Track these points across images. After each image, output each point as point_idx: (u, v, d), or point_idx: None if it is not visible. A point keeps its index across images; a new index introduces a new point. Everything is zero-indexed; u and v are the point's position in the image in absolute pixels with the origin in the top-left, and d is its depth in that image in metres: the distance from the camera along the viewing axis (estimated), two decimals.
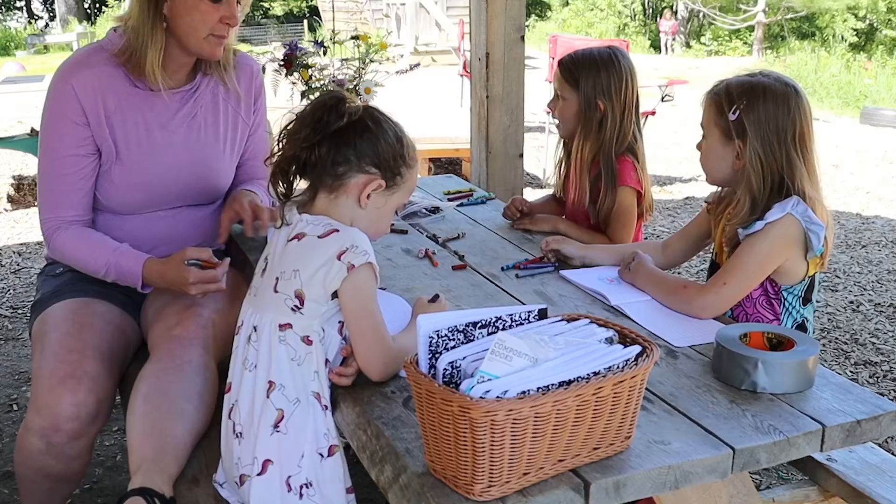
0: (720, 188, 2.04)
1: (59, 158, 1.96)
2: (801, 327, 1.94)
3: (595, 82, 2.34)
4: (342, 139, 1.52)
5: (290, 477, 1.47)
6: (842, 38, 18.83)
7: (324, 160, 1.52)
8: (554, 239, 2.18)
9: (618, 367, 1.23)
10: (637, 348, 1.28)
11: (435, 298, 1.70)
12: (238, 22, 2.01)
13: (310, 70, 2.61)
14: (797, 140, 1.84)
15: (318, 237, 1.50)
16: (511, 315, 1.37)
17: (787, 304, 1.91)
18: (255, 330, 1.53)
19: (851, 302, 4.24)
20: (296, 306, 1.49)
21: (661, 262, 2.12)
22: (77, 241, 2.00)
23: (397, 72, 2.82)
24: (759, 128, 1.83)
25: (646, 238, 5.26)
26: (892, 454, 2.19)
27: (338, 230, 1.51)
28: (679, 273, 4.27)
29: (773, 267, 1.85)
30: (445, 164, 7.26)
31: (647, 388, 1.43)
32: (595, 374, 1.21)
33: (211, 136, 2.11)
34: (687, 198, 6.34)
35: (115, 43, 1.98)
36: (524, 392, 1.14)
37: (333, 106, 1.51)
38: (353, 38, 2.70)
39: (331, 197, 1.55)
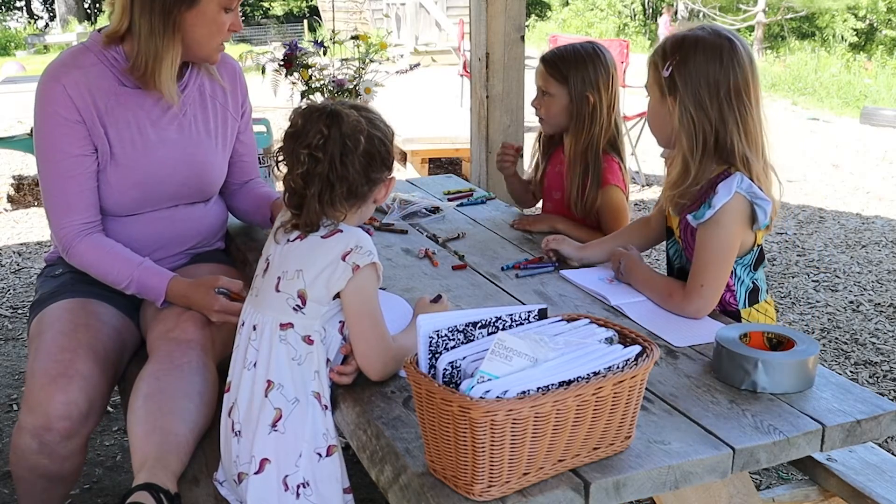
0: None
1: (63, 160, 1.94)
2: (755, 291, 1.95)
3: (584, 76, 2.35)
4: (364, 164, 1.51)
5: (287, 476, 1.47)
6: (842, 38, 18.82)
7: (353, 191, 1.51)
8: (553, 238, 2.18)
9: (618, 367, 1.23)
10: (637, 348, 1.28)
11: (437, 299, 1.70)
12: (240, 28, 2.06)
13: (310, 70, 2.61)
14: (732, 95, 1.77)
15: (322, 237, 1.50)
16: (511, 315, 1.37)
17: (738, 275, 1.91)
18: (255, 329, 1.53)
19: (851, 302, 4.24)
20: (298, 306, 1.49)
21: (646, 240, 2.14)
22: (99, 251, 1.97)
23: (397, 72, 2.82)
24: (690, 83, 1.78)
25: None
26: (892, 454, 2.19)
27: (341, 230, 1.51)
28: None
29: (737, 247, 1.84)
30: (445, 164, 7.25)
31: (647, 388, 1.43)
32: (595, 374, 1.21)
33: (202, 132, 2.11)
34: None
35: (101, 43, 1.97)
36: (524, 392, 1.14)
37: (344, 134, 1.48)
38: (353, 38, 2.69)
39: (351, 210, 1.55)
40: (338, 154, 1.48)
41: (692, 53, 1.79)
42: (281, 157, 1.53)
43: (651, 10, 25.57)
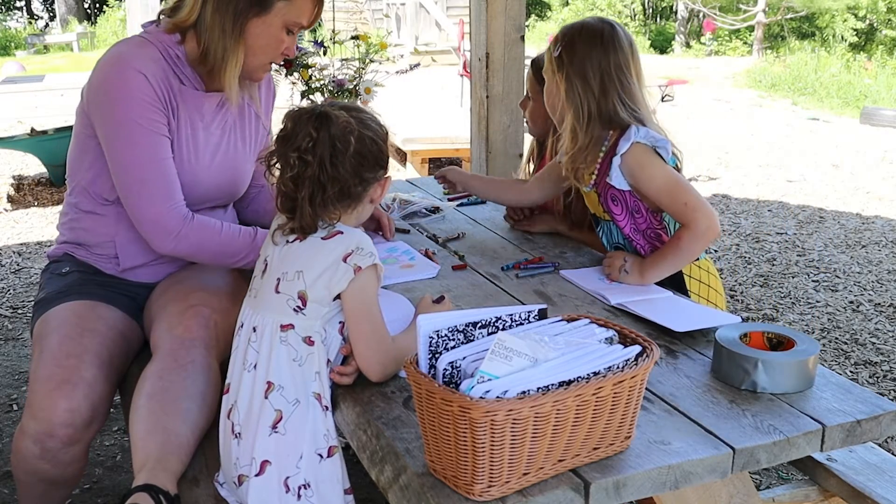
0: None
1: (159, 144, 1.91)
2: None
3: None
4: (355, 164, 1.50)
5: (288, 478, 1.47)
6: (842, 38, 18.79)
7: (344, 192, 1.51)
8: (449, 168, 2.44)
9: (618, 367, 1.23)
10: (637, 348, 1.28)
11: (440, 299, 1.69)
12: (293, 54, 2.09)
13: (310, 70, 2.61)
14: (612, 70, 2.00)
15: (322, 239, 1.50)
16: (511, 315, 1.37)
17: (670, 230, 2.05)
18: (255, 331, 1.53)
19: (851, 302, 4.24)
20: (298, 307, 1.49)
21: (517, 198, 2.39)
22: (212, 228, 1.94)
23: (397, 72, 2.81)
24: (574, 62, 2.02)
25: None
26: (892, 454, 2.19)
27: (342, 232, 1.51)
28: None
29: (674, 171, 2.01)
30: (445, 164, 7.26)
31: (647, 388, 1.43)
32: (595, 374, 1.21)
33: (239, 140, 2.12)
34: None
35: (163, 41, 1.96)
36: (524, 392, 1.14)
37: (334, 136, 1.47)
38: (353, 38, 2.69)
39: (347, 211, 1.55)
40: (327, 156, 1.47)
41: (577, 36, 2.04)
42: (273, 161, 1.53)
43: (651, 10, 25.55)
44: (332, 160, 1.48)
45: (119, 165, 1.91)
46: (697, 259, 2.10)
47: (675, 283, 2.02)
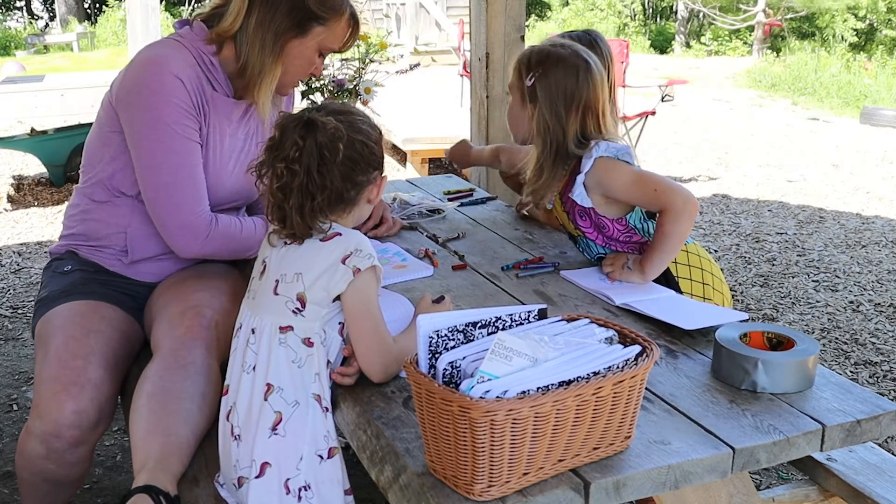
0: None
1: (188, 151, 1.92)
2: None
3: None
4: (346, 170, 1.49)
5: (288, 479, 1.47)
6: (842, 38, 18.79)
7: (337, 197, 1.50)
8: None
9: (618, 367, 1.23)
10: (637, 348, 1.28)
11: (440, 299, 1.69)
12: (320, 74, 2.16)
13: None
14: (582, 108, 2.01)
15: (321, 241, 1.50)
16: (511, 315, 1.37)
17: (639, 229, 2.07)
18: (254, 332, 1.53)
19: (851, 302, 4.24)
20: (297, 309, 1.48)
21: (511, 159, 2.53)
22: (233, 226, 1.98)
23: (397, 72, 2.82)
24: (548, 95, 2.01)
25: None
26: (893, 454, 2.19)
27: (340, 234, 1.50)
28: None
29: (641, 171, 2.03)
30: (445, 164, 7.25)
31: (647, 388, 1.43)
32: (595, 374, 1.21)
33: (260, 145, 2.13)
34: None
35: (197, 45, 1.97)
36: (524, 392, 1.14)
37: (321, 144, 1.46)
38: None
39: (342, 215, 1.55)
40: (315, 165, 1.46)
41: (552, 69, 2.01)
42: (263, 171, 1.51)
43: (651, 10, 25.55)
44: (319, 169, 1.46)
45: (148, 168, 1.92)
46: (684, 244, 2.13)
47: (663, 274, 2.02)
